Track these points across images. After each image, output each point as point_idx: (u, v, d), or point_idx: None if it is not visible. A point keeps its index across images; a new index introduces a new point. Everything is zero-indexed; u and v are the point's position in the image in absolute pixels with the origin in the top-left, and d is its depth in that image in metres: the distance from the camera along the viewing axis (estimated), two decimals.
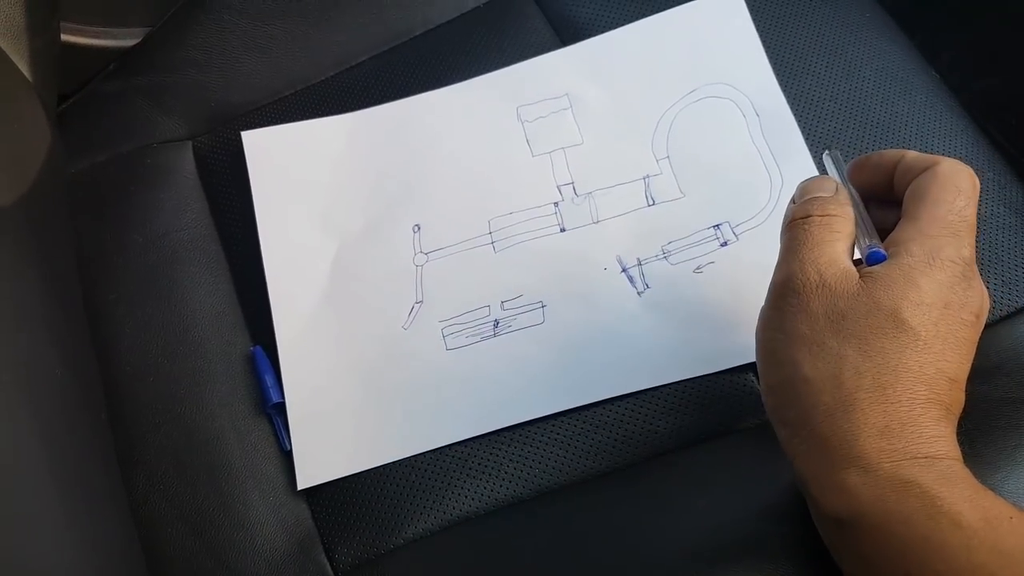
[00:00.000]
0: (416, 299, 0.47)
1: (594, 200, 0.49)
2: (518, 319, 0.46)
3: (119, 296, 0.49)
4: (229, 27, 0.55)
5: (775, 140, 0.48)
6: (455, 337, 0.46)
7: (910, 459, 0.30)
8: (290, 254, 0.49)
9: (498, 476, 0.44)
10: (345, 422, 0.45)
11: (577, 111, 0.51)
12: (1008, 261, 0.46)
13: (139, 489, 0.45)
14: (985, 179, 0.48)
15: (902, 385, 0.31)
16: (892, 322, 0.32)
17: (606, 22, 0.53)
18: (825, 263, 0.34)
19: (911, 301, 0.32)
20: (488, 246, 0.48)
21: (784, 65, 0.50)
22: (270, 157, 0.51)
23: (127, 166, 0.53)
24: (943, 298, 0.32)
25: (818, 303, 0.33)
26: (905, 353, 0.31)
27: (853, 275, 0.33)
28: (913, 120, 0.49)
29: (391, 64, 0.54)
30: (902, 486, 0.30)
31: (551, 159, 0.50)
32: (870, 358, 0.31)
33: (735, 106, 0.50)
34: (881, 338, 0.32)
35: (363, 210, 0.50)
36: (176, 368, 0.47)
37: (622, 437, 0.44)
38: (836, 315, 0.33)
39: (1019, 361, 0.43)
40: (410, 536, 0.43)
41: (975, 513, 0.29)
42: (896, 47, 0.51)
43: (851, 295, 0.33)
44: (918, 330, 0.32)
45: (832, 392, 0.32)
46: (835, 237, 0.35)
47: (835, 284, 0.33)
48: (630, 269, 0.47)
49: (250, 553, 0.43)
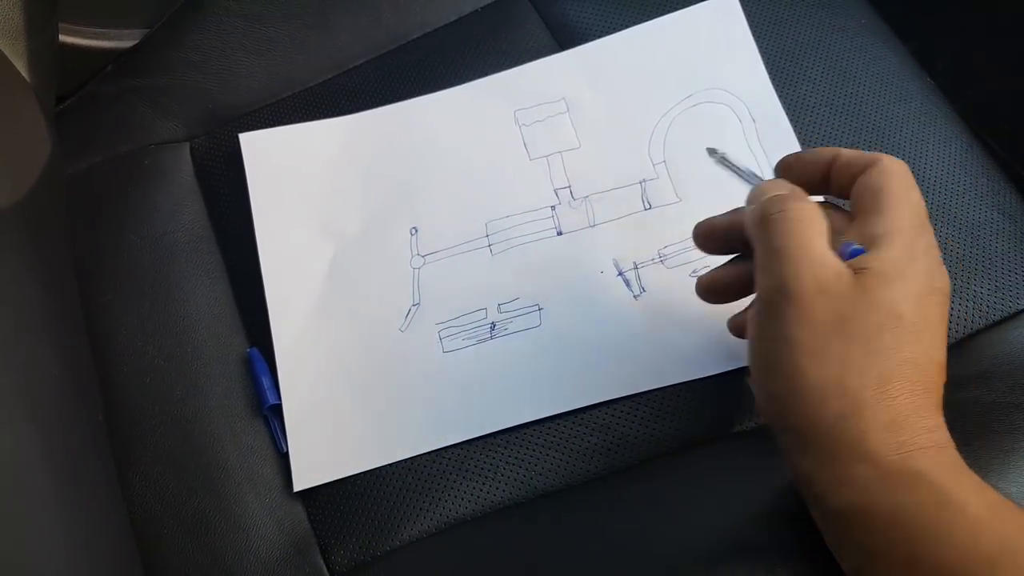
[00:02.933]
0: (413, 301, 0.48)
1: (591, 204, 0.49)
2: (515, 322, 0.47)
3: (116, 297, 0.49)
4: (227, 29, 0.55)
5: (771, 146, 0.49)
6: (452, 339, 0.47)
7: (917, 450, 0.31)
8: (287, 256, 0.49)
9: (494, 479, 0.44)
10: (342, 424, 0.45)
11: (574, 115, 0.51)
12: (1002, 266, 0.46)
13: (135, 490, 0.45)
14: (979, 185, 0.48)
15: (903, 378, 0.32)
16: (892, 317, 0.32)
17: (603, 26, 0.53)
18: (818, 266, 0.33)
19: (905, 293, 0.32)
20: (485, 249, 0.48)
21: (779, 71, 0.51)
22: (267, 159, 0.51)
23: (124, 167, 0.53)
24: (927, 286, 0.33)
25: (819, 310, 0.32)
26: (903, 346, 0.32)
27: (846, 274, 0.33)
28: (908, 126, 0.49)
29: (388, 67, 0.54)
30: (911, 477, 0.30)
31: (548, 163, 0.50)
32: (873, 357, 0.32)
33: (731, 112, 0.50)
34: (883, 335, 0.32)
35: (360, 212, 0.50)
36: (173, 369, 0.47)
37: (618, 440, 0.44)
38: (839, 319, 0.32)
39: (1013, 365, 0.43)
40: (406, 538, 0.43)
41: (982, 502, 0.29)
42: (891, 53, 0.52)
43: (850, 297, 0.32)
44: (913, 321, 0.32)
45: (840, 396, 0.31)
46: (817, 233, 0.34)
47: (833, 288, 0.32)
48: (626, 273, 0.47)
49: (246, 555, 0.43)
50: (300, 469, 0.45)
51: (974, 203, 0.47)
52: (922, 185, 0.48)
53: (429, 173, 0.50)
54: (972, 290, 0.45)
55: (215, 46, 0.55)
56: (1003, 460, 0.39)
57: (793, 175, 0.38)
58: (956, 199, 0.48)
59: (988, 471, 0.39)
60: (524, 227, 0.49)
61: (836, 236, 0.35)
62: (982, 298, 0.45)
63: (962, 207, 0.47)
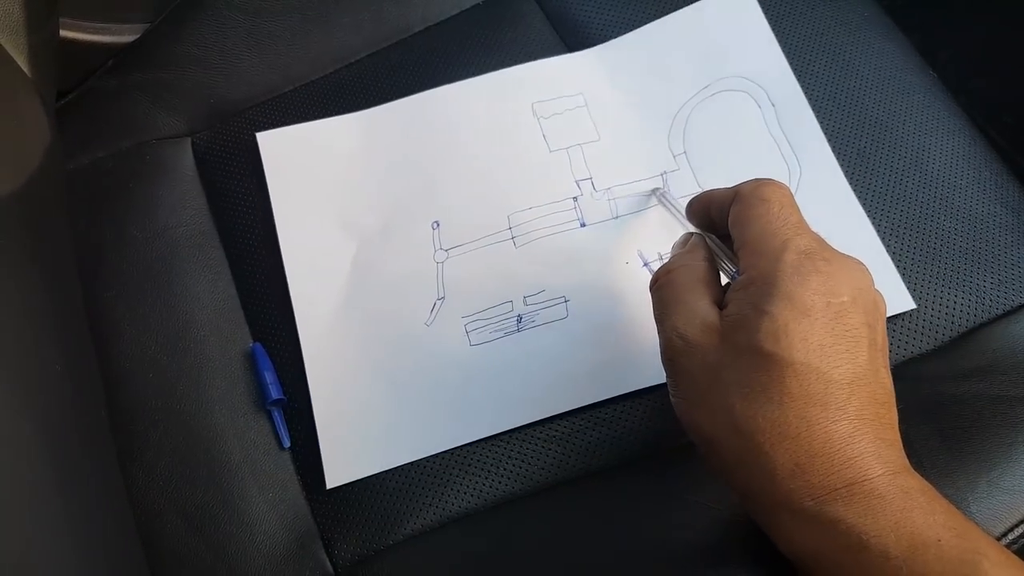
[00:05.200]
0: (438, 295, 0.47)
1: (613, 195, 0.49)
2: (541, 314, 0.46)
3: (118, 292, 0.49)
4: (228, 23, 0.55)
5: (791, 129, 0.49)
6: (479, 332, 0.46)
7: (830, 492, 0.29)
8: (310, 254, 0.49)
9: (497, 473, 0.44)
10: (372, 420, 0.45)
11: (592, 109, 0.51)
12: (1004, 260, 0.46)
13: (138, 485, 0.45)
14: (982, 178, 0.48)
15: (794, 416, 0.30)
16: (758, 358, 0.31)
17: (604, 20, 0.53)
18: (683, 324, 0.33)
19: (765, 332, 0.31)
20: (508, 241, 0.48)
21: None
22: (286, 156, 0.51)
23: (126, 162, 0.52)
24: (802, 307, 0.31)
25: (691, 365, 0.33)
26: (785, 382, 0.30)
27: (713, 324, 0.33)
28: (911, 119, 0.49)
29: (390, 61, 0.54)
30: (829, 525, 0.29)
31: (568, 155, 0.50)
32: (755, 400, 0.30)
33: (750, 98, 0.50)
34: (757, 377, 0.31)
35: (381, 208, 0.50)
36: (175, 364, 0.47)
37: (621, 435, 0.44)
38: (710, 370, 0.32)
39: (1015, 359, 0.43)
40: (409, 532, 0.43)
41: (901, 543, 0.28)
42: (894, 46, 0.52)
43: (715, 347, 0.32)
44: (787, 355, 0.30)
45: (735, 445, 0.31)
46: (684, 290, 0.34)
47: (699, 341, 0.33)
48: (651, 263, 0.47)
49: (250, 549, 0.43)
50: (332, 466, 0.44)
51: (977, 196, 0.47)
52: (924, 178, 0.48)
53: (448, 166, 0.50)
54: (975, 284, 0.45)
55: (216, 41, 0.55)
56: (1005, 453, 0.40)
57: (697, 221, 0.39)
58: (959, 192, 0.47)
59: (991, 464, 0.39)
60: (547, 219, 0.48)
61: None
62: (985, 292, 0.45)
63: (965, 200, 0.47)
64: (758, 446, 0.30)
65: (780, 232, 0.33)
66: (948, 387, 0.42)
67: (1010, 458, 0.39)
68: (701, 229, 0.39)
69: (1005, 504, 0.39)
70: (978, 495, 0.39)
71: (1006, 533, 0.38)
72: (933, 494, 0.30)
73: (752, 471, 0.31)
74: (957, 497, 0.38)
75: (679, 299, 0.34)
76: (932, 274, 0.46)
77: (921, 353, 0.45)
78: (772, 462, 0.30)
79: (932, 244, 0.46)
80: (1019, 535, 0.38)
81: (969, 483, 0.39)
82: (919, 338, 0.45)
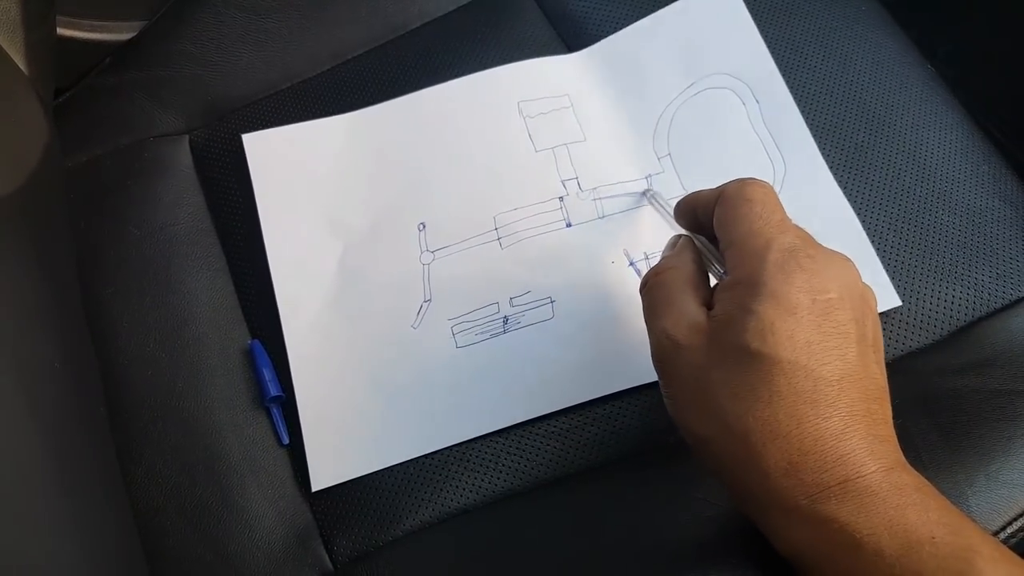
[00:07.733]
0: (424, 298, 0.47)
1: (599, 195, 0.49)
2: (527, 315, 0.46)
3: (117, 290, 0.49)
4: (225, 21, 0.55)
5: (776, 125, 0.49)
6: (465, 335, 0.46)
7: (823, 491, 0.29)
8: (296, 256, 0.49)
9: (495, 469, 0.44)
10: (358, 422, 0.45)
11: (578, 110, 0.51)
12: (1003, 254, 0.46)
13: (137, 482, 0.45)
14: (980, 172, 0.48)
15: (783, 414, 0.30)
16: (746, 357, 0.31)
17: (601, 16, 0.53)
18: (672, 325, 0.33)
19: (752, 331, 0.31)
20: (495, 242, 0.48)
21: (779, 59, 0.50)
22: (272, 158, 0.51)
23: (124, 160, 0.52)
24: (788, 305, 0.31)
25: (681, 366, 0.33)
26: (773, 381, 0.30)
27: (700, 325, 0.33)
28: (909, 114, 0.49)
29: (388, 57, 0.54)
30: (823, 524, 0.29)
31: (554, 154, 0.50)
32: (744, 400, 0.30)
33: (734, 95, 0.50)
34: (745, 376, 0.31)
35: (367, 209, 0.50)
36: (174, 362, 0.47)
37: (618, 430, 0.44)
38: (699, 371, 0.32)
39: (1013, 353, 0.43)
40: (408, 528, 0.43)
41: (895, 541, 0.28)
42: (892, 40, 0.52)
43: (703, 347, 0.32)
44: (774, 353, 0.30)
45: (727, 445, 0.31)
46: (672, 292, 0.34)
47: (687, 342, 0.33)
48: (637, 263, 0.47)
49: (249, 545, 0.43)
50: (317, 469, 0.44)
51: (975, 190, 0.47)
52: (922, 172, 0.48)
53: (435, 167, 0.50)
54: (973, 278, 0.45)
55: (213, 38, 0.55)
56: (1004, 447, 0.40)
57: (685, 222, 0.39)
58: (957, 186, 0.47)
59: (990, 458, 0.39)
60: (533, 219, 0.48)
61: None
62: (983, 286, 0.45)
63: (963, 194, 0.47)
64: (750, 446, 0.30)
65: (763, 231, 0.33)
66: (946, 381, 0.42)
67: (1009, 452, 0.39)
68: (689, 231, 0.39)
69: (1004, 498, 0.39)
70: (977, 489, 0.39)
71: (1005, 527, 0.38)
72: (928, 490, 0.30)
73: (745, 470, 0.31)
74: (956, 491, 0.38)
75: (667, 301, 0.34)
76: (930, 268, 0.46)
77: (919, 347, 0.45)
78: (764, 461, 0.30)
79: (930, 238, 0.46)
80: (1018, 528, 0.38)
81: (968, 477, 0.39)
82: (917, 332, 0.45)
